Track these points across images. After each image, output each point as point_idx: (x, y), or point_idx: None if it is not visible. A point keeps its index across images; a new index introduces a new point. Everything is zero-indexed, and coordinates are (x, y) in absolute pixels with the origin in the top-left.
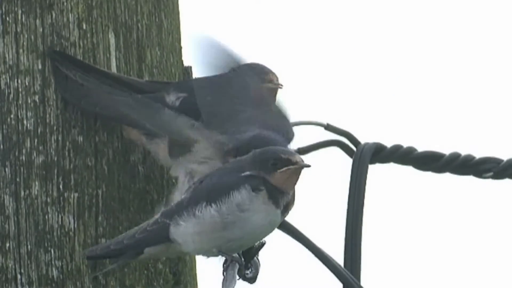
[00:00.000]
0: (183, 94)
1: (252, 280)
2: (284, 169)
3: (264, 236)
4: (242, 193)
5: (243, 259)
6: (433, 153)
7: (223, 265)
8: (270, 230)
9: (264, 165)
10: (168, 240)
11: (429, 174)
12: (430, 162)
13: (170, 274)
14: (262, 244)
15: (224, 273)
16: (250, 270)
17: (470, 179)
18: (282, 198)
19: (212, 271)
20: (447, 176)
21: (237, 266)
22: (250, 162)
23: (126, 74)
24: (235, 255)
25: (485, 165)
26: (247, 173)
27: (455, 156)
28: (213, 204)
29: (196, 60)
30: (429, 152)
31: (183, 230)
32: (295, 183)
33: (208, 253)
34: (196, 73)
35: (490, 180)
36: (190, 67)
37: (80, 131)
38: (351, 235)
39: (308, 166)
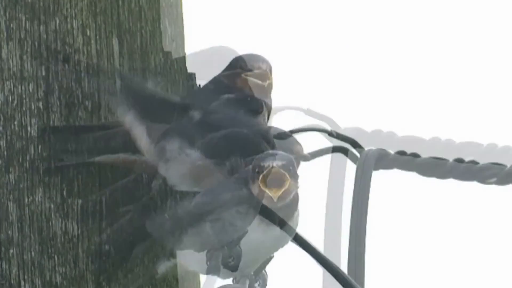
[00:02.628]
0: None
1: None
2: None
3: (274, 249)
4: (233, 213)
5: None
6: (436, 160)
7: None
8: (278, 243)
9: (254, 174)
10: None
11: (433, 180)
12: (434, 168)
13: (173, 280)
14: (270, 258)
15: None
16: (258, 283)
17: (474, 185)
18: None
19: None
20: (451, 182)
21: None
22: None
23: (130, 80)
24: None
25: (488, 171)
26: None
27: (458, 162)
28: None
29: None
30: (432, 159)
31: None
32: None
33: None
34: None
35: (493, 186)
36: (194, 74)
37: None
38: (355, 242)
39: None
